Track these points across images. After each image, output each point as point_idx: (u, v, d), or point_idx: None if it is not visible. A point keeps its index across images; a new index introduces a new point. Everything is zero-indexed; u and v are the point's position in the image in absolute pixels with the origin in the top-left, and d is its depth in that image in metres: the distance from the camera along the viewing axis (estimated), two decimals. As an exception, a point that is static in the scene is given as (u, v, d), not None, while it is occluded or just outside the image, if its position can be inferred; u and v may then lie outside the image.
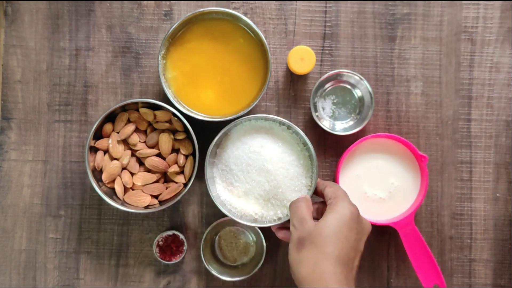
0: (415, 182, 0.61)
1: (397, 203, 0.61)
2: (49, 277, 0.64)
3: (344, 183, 0.61)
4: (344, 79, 0.63)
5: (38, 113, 0.64)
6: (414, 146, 0.59)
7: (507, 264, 0.65)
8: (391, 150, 0.61)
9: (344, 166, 0.61)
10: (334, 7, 0.65)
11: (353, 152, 0.61)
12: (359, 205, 0.52)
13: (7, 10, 0.64)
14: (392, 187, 0.61)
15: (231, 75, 0.60)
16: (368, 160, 0.61)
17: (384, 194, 0.61)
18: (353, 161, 0.61)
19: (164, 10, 0.64)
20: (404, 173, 0.61)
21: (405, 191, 0.61)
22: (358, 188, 0.61)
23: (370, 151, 0.62)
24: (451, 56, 0.65)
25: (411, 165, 0.61)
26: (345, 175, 0.61)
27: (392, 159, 0.61)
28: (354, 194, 0.58)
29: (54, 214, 0.64)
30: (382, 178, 0.61)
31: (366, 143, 0.61)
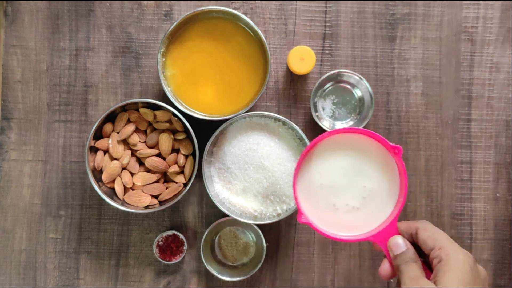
0: (393, 180, 0.48)
1: (375, 210, 0.48)
2: (49, 277, 0.64)
3: (305, 198, 0.48)
4: (344, 79, 0.63)
5: (38, 113, 0.64)
6: (384, 137, 0.46)
7: (507, 264, 0.65)
8: (357, 147, 0.49)
9: (301, 177, 0.48)
10: (334, 7, 0.65)
11: (310, 158, 0.48)
12: (328, 222, 0.46)
13: (7, 10, 0.64)
14: (366, 191, 0.48)
15: (231, 74, 0.60)
16: (331, 164, 0.49)
17: (357, 202, 0.48)
18: (312, 168, 0.48)
19: (164, 10, 0.64)
20: (377, 172, 0.48)
21: (382, 193, 0.48)
22: (324, 201, 0.48)
23: (331, 153, 0.49)
24: (451, 56, 0.65)
25: (384, 161, 0.48)
26: (304, 188, 0.48)
27: (360, 158, 0.48)
28: (320, 209, 0.48)
29: (54, 214, 0.64)
30: (351, 183, 0.48)
31: (323, 144, 0.49)
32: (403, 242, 0.44)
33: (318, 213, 0.47)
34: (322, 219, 0.47)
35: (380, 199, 0.48)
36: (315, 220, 0.47)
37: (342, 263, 0.65)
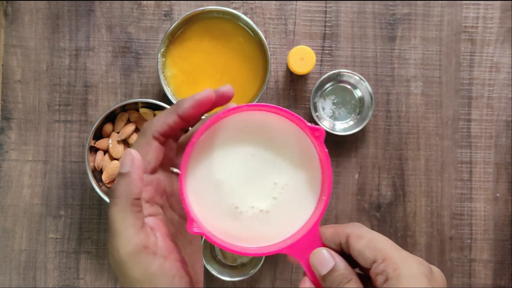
0: (313, 174, 0.36)
1: (290, 214, 0.36)
2: (49, 277, 0.64)
3: (199, 199, 0.35)
4: (344, 79, 0.63)
5: (38, 113, 0.64)
6: (301, 117, 0.34)
7: (507, 264, 0.65)
8: (268, 131, 0.36)
9: (193, 171, 0.35)
10: (334, 7, 0.65)
11: (205, 146, 0.35)
12: (230, 230, 0.35)
13: (7, 10, 0.64)
14: (277, 189, 0.36)
15: (231, 74, 0.60)
16: (232, 153, 0.36)
17: (265, 203, 0.36)
18: (207, 157, 0.35)
19: (164, 10, 0.64)
20: (292, 164, 0.36)
21: (299, 191, 0.36)
22: (222, 202, 0.35)
23: (233, 139, 0.36)
24: (451, 56, 0.65)
25: (302, 148, 0.36)
26: (197, 186, 0.35)
27: (270, 145, 0.36)
28: (219, 214, 0.35)
29: (54, 214, 0.64)
30: (258, 178, 0.36)
31: (224, 127, 0.36)
32: (329, 256, 0.32)
33: (216, 220, 0.35)
34: (222, 227, 0.35)
35: (296, 198, 0.36)
36: (212, 229, 0.35)
37: (342, 263, 0.65)
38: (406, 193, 0.65)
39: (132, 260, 0.31)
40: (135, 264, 0.31)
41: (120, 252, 0.31)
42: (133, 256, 0.31)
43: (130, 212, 0.31)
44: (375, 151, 0.65)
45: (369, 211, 0.65)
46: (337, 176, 0.65)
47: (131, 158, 0.32)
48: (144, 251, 0.31)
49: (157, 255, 0.32)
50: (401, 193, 0.65)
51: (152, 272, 0.31)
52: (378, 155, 0.65)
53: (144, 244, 0.31)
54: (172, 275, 0.32)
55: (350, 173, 0.65)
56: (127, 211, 0.31)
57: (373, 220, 0.65)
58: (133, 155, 0.32)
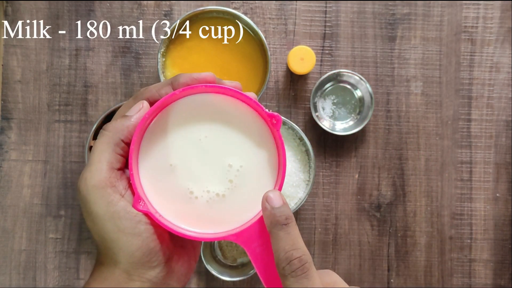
0: (270, 158, 0.35)
1: (246, 198, 0.35)
2: (49, 277, 0.64)
3: (152, 182, 0.34)
4: (344, 79, 0.63)
5: (38, 113, 0.64)
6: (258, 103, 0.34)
7: (507, 264, 0.65)
8: (223, 114, 0.35)
9: (146, 150, 0.34)
10: (334, 7, 0.65)
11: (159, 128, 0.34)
12: (184, 213, 0.34)
13: (7, 10, 0.64)
14: (232, 172, 0.35)
15: (231, 74, 0.60)
16: (185, 135, 0.35)
17: (221, 187, 0.35)
18: (159, 140, 0.34)
19: (164, 10, 0.64)
20: (248, 146, 0.35)
21: (256, 174, 0.35)
22: (176, 187, 0.34)
23: (187, 120, 0.35)
24: (451, 56, 0.65)
25: (259, 132, 0.35)
26: (151, 168, 0.34)
27: (224, 128, 0.35)
28: (172, 198, 0.34)
29: (54, 214, 0.64)
30: (213, 161, 0.35)
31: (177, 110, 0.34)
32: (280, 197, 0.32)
33: (171, 204, 0.34)
34: (176, 212, 0.34)
35: (252, 182, 0.35)
36: (165, 212, 0.34)
37: (342, 263, 0.65)
38: (406, 193, 0.65)
39: (96, 193, 0.30)
40: (99, 198, 0.30)
41: (87, 182, 0.30)
42: (98, 189, 0.30)
43: (111, 149, 0.31)
44: (375, 151, 0.65)
45: (369, 211, 0.65)
46: (337, 176, 0.65)
47: (140, 107, 0.32)
48: (110, 187, 0.30)
49: (123, 198, 0.31)
50: (401, 193, 0.65)
51: (115, 210, 0.30)
52: (378, 155, 0.65)
53: (112, 183, 0.31)
54: (137, 220, 0.31)
55: (350, 173, 0.65)
56: (109, 147, 0.31)
57: (373, 220, 0.65)
58: (142, 105, 0.32)
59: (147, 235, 0.31)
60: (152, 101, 0.33)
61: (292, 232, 0.31)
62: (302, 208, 0.65)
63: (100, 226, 0.30)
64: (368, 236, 0.65)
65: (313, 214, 0.65)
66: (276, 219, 0.31)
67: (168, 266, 0.32)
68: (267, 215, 0.32)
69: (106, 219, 0.30)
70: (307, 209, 0.65)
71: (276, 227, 0.31)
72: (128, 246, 0.30)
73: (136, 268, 0.31)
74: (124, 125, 0.31)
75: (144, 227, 0.31)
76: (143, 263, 0.31)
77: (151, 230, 0.31)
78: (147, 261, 0.31)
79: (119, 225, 0.30)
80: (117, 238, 0.30)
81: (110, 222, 0.30)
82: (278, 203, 0.32)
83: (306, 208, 0.65)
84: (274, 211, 0.31)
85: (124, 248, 0.30)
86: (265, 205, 0.32)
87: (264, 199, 0.32)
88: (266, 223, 0.32)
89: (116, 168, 0.31)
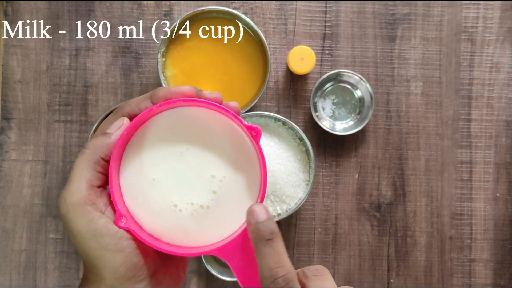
0: (252, 170, 0.35)
1: (230, 209, 0.35)
2: (49, 277, 0.64)
3: (133, 196, 0.34)
4: (344, 79, 0.63)
5: (38, 113, 0.64)
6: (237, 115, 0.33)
7: (507, 264, 0.65)
8: (203, 127, 0.35)
9: (127, 167, 0.34)
10: (334, 7, 0.65)
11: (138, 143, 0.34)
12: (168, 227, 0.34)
13: (7, 10, 0.64)
14: (216, 182, 0.34)
15: (231, 74, 0.60)
16: (165, 150, 0.34)
17: (205, 198, 0.34)
18: (139, 155, 0.34)
19: (164, 10, 0.64)
20: (229, 158, 0.35)
21: (240, 185, 0.35)
22: (160, 201, 0.34)
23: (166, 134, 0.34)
24: (451, 56, 0.65)
25: (238, 144, 0.35)
26: (131, 183, 0.34)
27: (204, 140, 0.35)
28: (156, 212, 0.34)
29: (54, 214, 0.64)
30: (195, 173, 0.34)
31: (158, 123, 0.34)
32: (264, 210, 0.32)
33: (153, 217, 0.34)
34: (160, 226, 0.34)
35: (236, 193, 0.34)
36: (149, 227, 0.34)
37: (342, 263, 0.65)
38: (406, 193, 0.65)
39: (76, 211, 0.30)
40: (79, 216, 0.30)
41: (67, 201, 0.30)
42: (78, 206, 0.30)
43: (91, 168, 0.31)
44: (375, 151, 0.65)
45: (369, 211, 0.65)
46: (337, 176, 0.65)
47: (121, 124, 0.32)
48: (90, 205, 0.30)
49: (104, 215, 0.31)
50: (401, 193, 0.65)
51: (96, 227, 0.30)
52: (378, 155, 0.65)
53: (92, 200, 0.31)
54: (119, 236, 0.31)
55: (350, 173, 0.65)
56: (88, 165, 0.31)
57: (373, 220, 0.65)
58: (123, 122, 0.32)
59: (130, 250, 0.31)
60: (132, 115, 0.33)
61: (277, 248, 0.30)
62: (302, 208, 0.65)
63: (83, 244, 0.30)
64: (368, 236, 0.65)
65: (313, 214, 0.65)
66: (261, 233, 0.30)
67: (154, 279, 0.32)
68: (252, 229, 0.31)
69: (87, 237, 0.30)
70: (307, 209, 0.65)
71: (261, 242, 0.30)
72: (112, 262, 0.30)
73: (121, 283, 0.30)
74: (104, 142, 0.31)
75: (127, 242, 0.31)
76: (128, 278, 0.31)
77: (134, 245, 0.31)
78: (132, 276, 0.31)
79: (101, 242, 0.30)
80: (100, 255, 0.30)
81: (92, 239, 0.30)
82: (262, 217, 0.31)
83: (306, 208, 0.65)
84: (259, 226, 0.31)
85: (108, 264, 0.30)
86: (249, 219, 0.31)
87: (249, 213, 0.31)
88: (251, 238, 0.31)
89: (96, 186, 0.31)
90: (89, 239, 0.30)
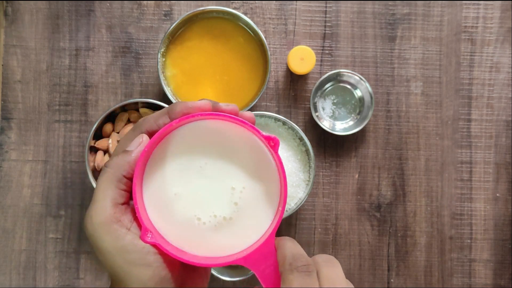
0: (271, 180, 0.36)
1: (252, 220, 0.35)
2: (49, 277, 0.64)
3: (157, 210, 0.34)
4: (344, 79, 0.63)
5: (38, 113, 0.64)
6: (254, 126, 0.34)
7: (507, 264, 0.65)
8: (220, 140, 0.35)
9: (149, 182, 0.34)
10: (334, 7, 0.65)
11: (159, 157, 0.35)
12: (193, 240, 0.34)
13: (7, 10, 0.64)
14: (236, 194, 0.35)
15: (231, 74, 0.60)
16: (185, 164, 0.35)
17: (227, 210, 0.35)
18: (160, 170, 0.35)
19: (164, 10, 0.64)
20: (248, 169, 0.35)
21: (259, 196, 0.35)
22: (183, 215, 0.35)
23: (186, 149, 0.35)
24: (451, 56, 0.65)
25: (257, 155, 0.36)
26: (154, 197, 0.34)
27: (223, 153, 0.35)
28: (180, 226, 0.34)
29: (54, 214, 0.64)
30: (216, 186, 0.35)
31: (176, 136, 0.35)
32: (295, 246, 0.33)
33: (177, 231, 0.34)
34: (185, 239, 0.34)
35: (256, 203, 0.35)
36: (174, 241, 0.34)
37: (342, 263, 0.65)
38: (406, 193, 0.65)
39: (103, 230, 0.31)
40: (106, 234, 0.31)
41: (93, 220, 0.31)
42: (104, 225, 0.31)
43: (114, 186, 0.32)
44: (375, 151, 0.65)
45: (369, 211, 0.65)
46: (337, 176, 0.65)
47: (140, 142, 0.33)
48: (116, 223, 0.31)
49: (130, 231, 0.31)
50: (401, 193, 0.65)
51: (122, 244, 0.30)
52: (378, 155, 0.65)
53: (118, 218, 0.31)
54: (145, 251, 0.31)
55: (350, 173, 0.65)
56: (111, 184, 0.32)
57: (373, 220, 0.65)
58: (142, 139, 0.33)
59: (157, 264, 0.31)
60: (151, 131, 0.34)
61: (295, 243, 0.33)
62: (302, 208, 0.65)
63: (111, 261, 0.31)
64: (368, 236, 0.65)
65: (313, 214, 0.65)
66: None
67: None
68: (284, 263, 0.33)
69: (115, 253, 0.31)
70: (307, 209, 0.65)
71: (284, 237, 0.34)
72: (140, 277, 0.31)
73: None
74: (125, 160, 0.32)
75: (154, 257, 0.31)
76: None
77: (161, 259, 0.32)
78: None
79: (128, 258, 0.31)
80: (129, 271, 0.31)
81: (119, 256, 0.30)
82: None
83: (306, 208, 0.65)
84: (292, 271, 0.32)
85: (136, 279, 0.31)
86: None
87: None
88: None
89: (120, 203, 0.32)
90: (116, 256, 0.31)
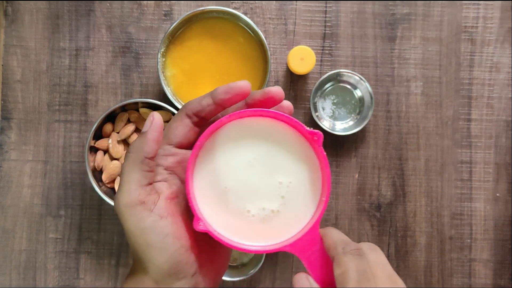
0: (315, 173, 0.38)
1: (297, 211, 0.38)
2: (49, 277, 0.64)
3: (210, 202, 0.37)
4: (344, 79, 0.63)
5: (38, 113, 0.64)
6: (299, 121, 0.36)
7: (507, 264, 0.65)
8: (267, 135, 0.38)
9: (199, 174, 0.37)
10: (334, 7, 0.65)
11: (210, 151, 0.37)
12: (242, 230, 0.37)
13: (7, 10, 0.64)
14: (283, 188, 0.38)
15: (231, 74, 0.60)
16: (235, 159, 0.37)
17: (275, 203, 0.38)
18: (211, 164, 0.37)
19: (164, 10, 0.64)
20: (293, 163, 0.38)
21: (304, 189, 0.38)
22: (234, 207, 0.37)
23: (235, 144, 0.37)
24: (451, 56, 0.65)
25: (300, 150, 0.38)
26: (207, 190, 0.37)
27: (270, 148, 0.38)
28: (231, 217, 0.37)
29: (54, 214, 0.64)
30: (264, 180, 0.38)
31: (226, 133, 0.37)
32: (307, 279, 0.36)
33: (227, 221, 0.37)
34: (233, 229, 0.37)
35: (301, 196, 0.38)
36: (223, 230, 0.37)
37: (342, 263, 0.65)
38: (406, 193, 0.65)
39: (128, 212, 0.32)
40: (130, 216, 0.32)
41: (120, 203, 0.33)
42: (129, 208, 0.32)
43: (137, 169, 0.33)
44: (375, 151, 0.65)
45: (369, 211, 0.65)
46: (337, 176, 0.65)
47: (151, 120, 0.34)
48: (140, 205, 0.33)
49: (152, 212, 0.33)
50: (401, 193, 0.65)
51: (143, 226, 0.32)
52: (378, 155, 0.65)
53: (142, 200, 0.33)
54: (164, 233, 0.33)
55: (350, 173, 0.65)
56: (135, 167, 0.33)
57: (373, 220, 0.65)
58: (153, 117, 0.34)
59: (174, 249, 0.33)
60: (195, 112, 0.36)
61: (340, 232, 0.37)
62: (302, 208, 0.65)
63: (132, 241, 0.33)
64: (368, 236, 0.65)
65: (313, 214, 0.65)
66: None
67: (195, 278, 0.34)
68: None
69: (136, 235, 0.32)
70: (307, 209, 0.65)
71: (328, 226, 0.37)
72: (156, 258, 0.32)
73: (163, 278, 0.33)
74: (143, 142, 0.33)
75: (172, 241, 0.33)
76: (170, 274, 0.33)
77: (179, 244, 0.33)
78: (174, 273, 0.33)
79: (148, 240, 0.32)
80: (147, 252, 0.32)
81: (140, 237, 0.32)
82: None
83: (306, 208, 0.65)
84: None
85: (153, 260, 0.32)
86: None
87: None
88: None
89: (144, 185, 0.33)
90: (138, 237, 0.32)
